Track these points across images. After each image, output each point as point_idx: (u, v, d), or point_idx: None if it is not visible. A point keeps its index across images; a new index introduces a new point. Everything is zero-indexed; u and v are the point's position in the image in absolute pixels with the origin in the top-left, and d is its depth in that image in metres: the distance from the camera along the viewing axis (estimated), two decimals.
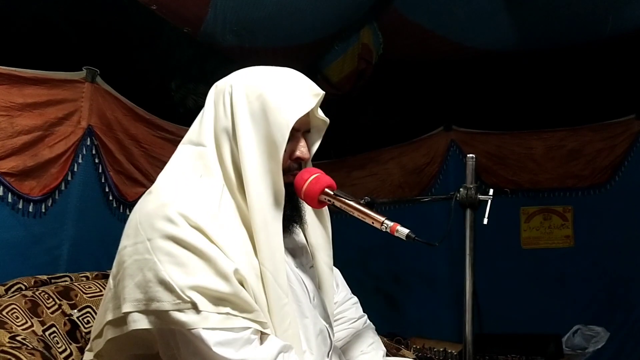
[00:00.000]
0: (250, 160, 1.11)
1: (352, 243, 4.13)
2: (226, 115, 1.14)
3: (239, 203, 1.12)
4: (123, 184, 2.70)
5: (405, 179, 4.00)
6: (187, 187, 1.11)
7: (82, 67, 2.51)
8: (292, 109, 1.11)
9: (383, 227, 1.09)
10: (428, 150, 3.99)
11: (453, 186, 3.90)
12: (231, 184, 1.12)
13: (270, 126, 1.10)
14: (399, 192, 3.96)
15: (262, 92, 1.13)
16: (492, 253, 3.66)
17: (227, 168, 1.13)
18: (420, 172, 3.98)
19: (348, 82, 3.94)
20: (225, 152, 1.13)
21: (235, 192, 1.12)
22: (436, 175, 3.94)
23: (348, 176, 4.11)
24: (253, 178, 1.11)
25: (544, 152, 3.87)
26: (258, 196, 1.11)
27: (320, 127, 1.26)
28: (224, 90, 1.17)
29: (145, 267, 1.04)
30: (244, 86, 1.15)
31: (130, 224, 1.11)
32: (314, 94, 1.17)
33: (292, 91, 1.14)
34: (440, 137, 3.98)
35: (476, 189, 1.25)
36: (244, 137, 1.11)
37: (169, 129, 2.91)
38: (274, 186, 1.12)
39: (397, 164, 4.06)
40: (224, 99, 1.16)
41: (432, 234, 1.19)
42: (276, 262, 1.11)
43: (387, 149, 4.20)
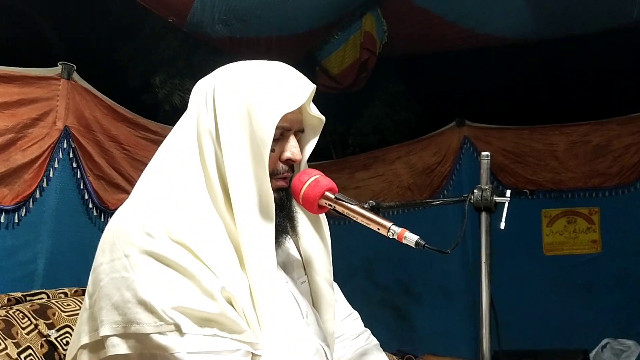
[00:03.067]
0: (234, 164, 1.10)
1: (356, 251, 4.10)
2: (208, 116, 1.14)
3: (223, 213, 1.12)
4: (104, 190, 2.69)
5: (414, 181, 4.00)
6: (168, 196, 1.11)
7: (58, 62, 2.51)
8: (278, 105, 1.11)
9: (390, 234, 1.08)
10: (439, 149, 3.99)
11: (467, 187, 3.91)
12: (215, 191, 1.12)
13: (255, 125, 1.10)
14: (407, 194, 3.96)
15: (246, 89, 1.13)
16: (511, 260, 3.64)
17: (210, 174, 1.12)
18: (430, 172, 3.98)
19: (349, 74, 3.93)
20: (208, 156, 1.12)
21: (219, 200, 1.11)
22: (448, 175, 3.93)
23: (351, 178, 4.11)
24: (238, 184, 1.10)
25: (567, 148, 3.85)
26: (244, 204, 1.10)
27: (316, 125, 1.25)
28: (206, 89, 1.17)
29: (123, 286, 1.03)
30: (227, 83, 1.15)
31: (105, 238, 1.09)
32: (305, 88, 1.16)
33: (278, 86, 1.13)
34: (452, 134, 3.98)
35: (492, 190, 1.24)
36: (228, 139, 1.11)
37: (154, 128, 2.90)
38: (260, 192, 1.11)
39: (405, 164, 4.05)
40: (206, 98, 1.16)
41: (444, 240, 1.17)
42: (268, 277, 1.10)
43: (394, 147, 4.19)
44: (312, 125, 1.25)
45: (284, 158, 1.17)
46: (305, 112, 1.22)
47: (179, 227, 1.06)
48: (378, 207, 1.16)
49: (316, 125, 1.25)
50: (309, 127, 1.24)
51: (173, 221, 1.06)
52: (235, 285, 1.07)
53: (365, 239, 3.67)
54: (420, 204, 3.42)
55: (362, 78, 4.02)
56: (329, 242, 1.32)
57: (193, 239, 1.06)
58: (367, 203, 1.15)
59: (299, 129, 1.20)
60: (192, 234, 1.06)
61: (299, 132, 1.21)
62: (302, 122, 1.21)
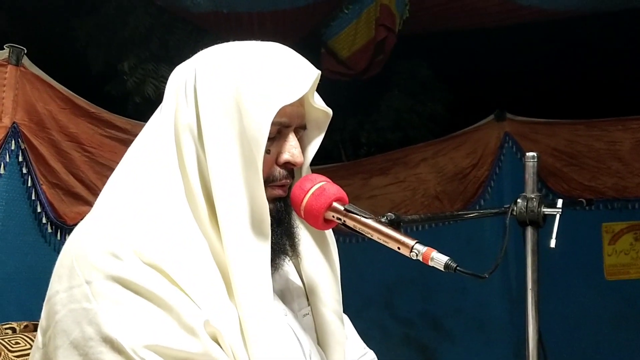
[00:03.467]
0: (220, 169, 1.11)
1: (372, 277, 4.09)
2: (189, 110, 1.14)
3: (207, 229, 1.12)
4: (60, 202, 2.70)
5: (443, 188, 3.99)
6: (139, 209, 1.11)
7: (3, 45, 2.52)
8: (274, 96, 1.11)
9: (413, 254, 1.08)
10: (474, 148, 3.99)
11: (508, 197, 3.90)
12: (197, 202, 1.12)
13: (246, 121, 1.10)
14: (434, 205, 3.96)
15: (234, 77, 1.13)
16: (564, 287, 3.63)
17: (191, 181, 1.13)
18: (463, 178, 3.97)
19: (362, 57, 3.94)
20: (189, 160, 1.13)
21: (202, 214, 1.12)
22: (485, 181, 3.93)
23: (365, 185, 4.12)
24: (225, 193, 1.10)
25: (633, 147, 3.84)
26: (233, 218, 1.10)
27: (321, 120, 1.25)
28: (186, 77, 1.17)
29: (84, 320, 1.03)
30: (211, 69, 1.15)
31: (62, 261, 1.09)
32: (307, 74, 1.16)
33: (274, 72, 1.13)
34: (491, 130, 3.98)
35: (540, 200, 1.25)
36: (212, 138, 1.11)
37: (122, 125, 2.90)
38: (253, 203, 1.11)
39: (431, 168, 4.05)
40: (185, 88, 1.16)
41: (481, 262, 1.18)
42: (262, 308, 1.10)
43: (418, 147, 4.20)
44: (316, 121, 1.25)
45: (282, 161, 1.17)
46: (308, 104, 1.22)
47: (152, 247, 1.06)
48: (398, 221, 1.17)
49: (321, 120, 1.25)
50: (312, 123, 1.25)
51: (145, 239, 1.07)
52: (222, 319, 1.07)
53: (382, 261, 3.67)
54: (451, 217, 3.41)
55: (378, 62, 4.03)
56: (338, 264, 1.32)
57: (170, 262, 1.06)
58: (384, 216, 1.15)
59: (300, 125, 1.20)
60: (168, 255, 1.06)
61: (300, 128, 1.21)
62: (304, 116, 1.21)
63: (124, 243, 1.05)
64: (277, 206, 1.18)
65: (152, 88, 3.70)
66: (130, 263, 1.04)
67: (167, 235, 1.09)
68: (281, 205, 1.18)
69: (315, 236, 1.29)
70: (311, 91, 1.20)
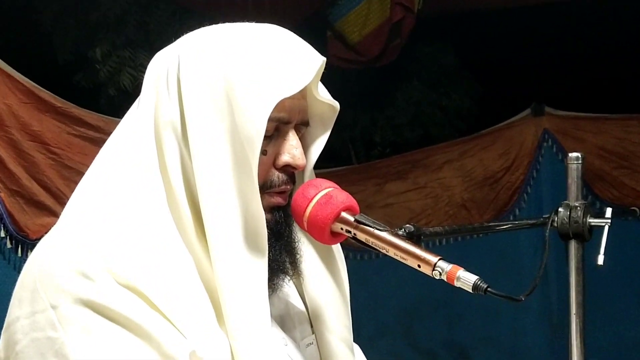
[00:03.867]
0: (207, 172, 1.12)
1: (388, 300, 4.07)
2: (171, 103, 1.15)
3: (193, 244, 1.13)
4: (21, 212, 2.70)
5: (471, 195, 4.00)
6: (114, 220, 1.11)
7: None
8: (271, 87, 1.11)
9: (436, 273, 1.08)
10: (507, 148, 4.00)
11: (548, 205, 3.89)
12: (181, 212, 1.13)
13: (239, 116, 1.11)
14: (461, 215, 3.96)
15: (224, 65, 1.13)
16: (614, 310, 3.62)
17: (174, 187, 1.13)
18: (495, 183, 3.98)
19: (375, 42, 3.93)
20: (171, 161, 1.14)
21: (187, 225, 1.13)
22: (521, 187, 3.94)
23: (379, 192, 4.12)
24: (213, 201, 1.10)
25: None
26: (223, 231, 1.10)
27: (326, 116, 1.26)
28: (168, 65, 1.18)
29: (50, 351, 1.03)
30: (196, 56, 1.16)
31: (24, 281, 1.10)
32: (310, 62, 1.17)
33: (272, 59, 1.14)
34: (527, 126, 3.99)
35: (585, 209, 1.24)
36: (199, 136, 1.12)
37: (93, 122, 2.91)
38: (246, 213, 1.12)
39: (457, 171, 4.06)
40: (167, 79, 1.17)
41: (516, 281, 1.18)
42: (258, 337, 1.10)
43: (442, 146, 4.21)
44: (321, 116, 1.26)
45: (281, 163, 1.18)
46: (311, 96, 1.22)
47: (129, 265, 1.06)
48: (419, 234, 1.17)
49: (327, 115, 1.26)
50: (316, 119, 1.25)
51: (121, 256, 1.07)
52: (211, 349, 1.07)
53: (400, 281, 3.66)
54: (481, 229, 3.40)
55: (394, 47, 4.02)
56: (347, 285, 1.32)
57: (149, 282, 1.06)
58: (402, 228, 1.16)
59: (302, 121, 1.21)
60: (148, 275, 1.07)
61: (302, 125, 1.21)
62: (307, 111, 1.22)
63: (96, 260, 1.06)
64: (276, 217, 1.18)
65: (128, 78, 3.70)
66: (103, 284, 1.04)
67: (146, 251, 1.09)
68: (280, 216, 1.19)
69: (321, 252, 1.30)
70: (315, 81, 1.20)
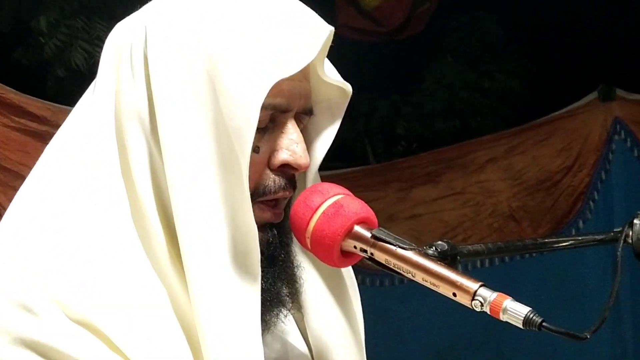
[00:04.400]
0: (183, 175, 1.12)
1: (414, 338, 4.08)
2: (137, 88, 1.16)
3: (165, 268, 1.13)
4: None
5: (521, 203, 4.01)
6: (64, 237, 1.12)
7: None
8: (265, 65, 1.12)
9: (476, 304, 1.07)
10: (568, 142, 4.01)
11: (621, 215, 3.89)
12: (149, 225, 1.13)
13: (223, 103, 1.11)
14: (508, 229, 3.98)
15: (205, 38, 1.13)
16: None
17: (140, 193, 1.14)
18: (552, 186, 3.99)
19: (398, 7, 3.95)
20: (137, 162, 1.14)
21: (157, 243, 1.13)
22: (585, 192, 3.95)
23: (403, 199, 4.13)
24: (191, 214, 1.10)
25: None
26: (203, 251, 1.10)
27: (335, 102, 1.27)
28: (132, 39, 1.18)
29: None
30: (169, 28, 1.16)
31: None
32: (314, 34, 1.18)
33: (265, 31, 1.15)
34: (593, 115, 4.00)
35: None
36: (172, 129, 1.12)
37: (37, 111, 2.95)
38: (234, 229, 1.12)
39: (504, 172, 4.07)
40: (132, 56, 1.17)
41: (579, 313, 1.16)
42: None
43: (484, 141, 4.22)
44: (329, 102, 1.26)
45: (278, 163, 1.18)
46: (316, 77, 1.23)
47: (83, 295, 1.06)
48: (454, 254, 1.16)
49: (335, 101, 1.26)
50: (322, 105, 1.26)
51: (72, 283, 1.07)
52: None
53: (430, 314, 3.68)
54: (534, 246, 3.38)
55: (422, 14, 4.05)
56: (361, 319, 1.33)
57: (109, 317, 1.06)
58: (433, 246, 1.15)
59: (304, 108, 1.21)
60: (107, 308, 1.06)
61: (304, 114, 1.22)
62: (310, 95, 1.22)
63: (41, 289, 1.06)
64: (270, 234, 1.19)
65: (81, 55, 3.71)
66: (50, 319, 1.04)
67: (105, 277, 1.09)
68: (274, 234, 1.19)
69: (327, 277, 1.30)
70: (320, 58, 1.20)
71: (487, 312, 1.06)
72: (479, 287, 1.07)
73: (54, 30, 3.72)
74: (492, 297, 1.06)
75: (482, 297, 1.06)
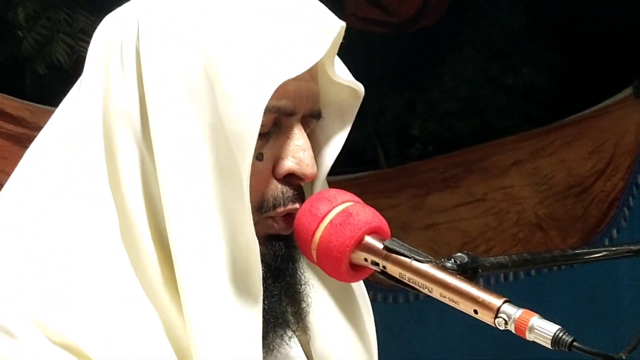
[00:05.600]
0: (178, 185, 1.12)
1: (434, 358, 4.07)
2: (128, 87, 1.16)
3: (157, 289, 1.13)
4: None
5: (548, 210, 4.01)
6: (44, 252, 1.12)
7: None
8: (269, 64, 1.12)
9: (500, 322, 1.07)
10: (600, 143, 4.01)
11: None
12: (139, 240, 1.13)
13: (223, 105, 1.11)
14: (535, 239, 3.98)
15: (203, 34, 1.14)
16: None
17: (129, 203, 1.14)
18: (582, 192, 4.00)
19: None
20: (127, 169, 1.15)
21: (148, 260, 1.13)
22: (619, 198, 3.95)
23: (418, 207, 4.14)
24: (186, 226, 1.11)
25: None
26: (200, 271, 1.11)
27: (346, 104, 1.28)
28: (124, 33, 1.19)
29: None
30: (164, 22, 1.16)
31: None
32: (323, 28, 1.18)
33: (268, 25, 1.15)
34: (627, 113, 4.00)
35: None
36: (165, 133, 1.12)
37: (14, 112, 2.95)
38: (234, 245, 1.12)
39: (529, 177, 4.09)
40: (122, 52, 1.18)
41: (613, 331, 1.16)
42: None
43: (507, 142, 4.25)
44: (338, 104, 1.27)
45: (283, 172, 1.19)
46: (325, 77, 1.23)
47: (65, 316, 1.06)
48: (475, 267, 1.17)
49: (346, 103, 1.27)
50: (332, 108, 1.27)
51: (54, 304, 1.07)
52: None
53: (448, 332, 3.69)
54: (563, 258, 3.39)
55: (439, 3, 4.04)
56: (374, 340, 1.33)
57: (94, 340, 1.06)
58: (451, 258, 1.15)
59: (312, 111, 1.22)
60: (92, 330, 1.07)
61: (312, 117, 1.22)
62: (318, 97, 1.23)
63: (20, 309, 1.06)
64: (274, 249, 1.19)
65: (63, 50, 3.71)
66: (30, 342, 1.05)
67: (90, 297, 1.09)
68: (280, 247, 1.19)
69: (336, 294, 1.31)
70: (330, 56, 1.21)
71: (511, 330, 1.06)
72: (502, 303, 1.07)
73: (33, 23, 3.72)
74: (517, 315, 1.06)
75: (506, 314, 1.06)
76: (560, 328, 1.04)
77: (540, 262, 2.54)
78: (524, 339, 1.06)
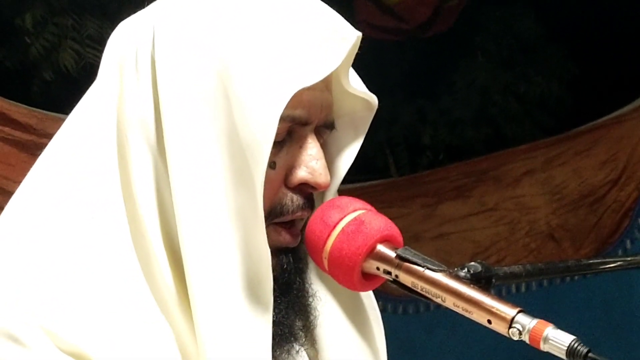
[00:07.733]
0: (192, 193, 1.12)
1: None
2: (143, 95, 1.16)
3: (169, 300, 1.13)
4: None
5: (562, 220, 4.01)
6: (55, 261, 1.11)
7: None
8: (284, 73, 1.11)
9: (514, 332, 1.07)
10: (614, 152, 4.01)
11: None
12: (151, 250, 1.13)
13: (237, 113, 1.11)
14: (547, 249, 3.97)
15: (218, 41, 1.14)
16: None
17: (142, 212, 1.14)
18: (596, 202, 3.99)
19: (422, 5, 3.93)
20: (140, 178, 1.15)
21: (159, 270, 1.13)
22: (633, 208, 3.95)
23: (430, 216, 4.13)
24: (200, 235, 1.11)
25: None
26: (212, 282, 1.11)
27: (359, 115, 1.28)
28: (139, 41, 1.19)
29: None
30: (180, 29, 1.17)
31: None
32: (338, 38, 1.18)
33: (284, 34, 1.15)
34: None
35: None
36: (180, 142, 1.12)
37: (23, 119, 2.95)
38: (245, 254, 1.12)
39: (542, 186, 4.08)
40: (137, 60, 1.18)
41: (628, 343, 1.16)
42: None
43: (519, 151, 4.25)
44: (352, 115, 1.27)
45: (296, 181, 1.19)
46: (339, 88, 1.23)
47: (75, 324, 1.06)
48: (488, 277, 1.16)
49: (360, 114, 1.27)
50: (345, 119, 1.27)
51: (64, 312, 1.07)
52: None
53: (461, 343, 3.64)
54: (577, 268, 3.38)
55: (450, 9, 4.05)
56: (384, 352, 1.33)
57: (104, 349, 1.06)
58: (465, 268, 1.15)
59: (326, 121, 1.22)
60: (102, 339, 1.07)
61: (326, 128, 1.22)
62: (332, 108, 1.23)
63: (29, 317, 1.06)
64: (285, 259, 1.19)
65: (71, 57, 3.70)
66: (39, 350, 1.04)
67: (100, 304, 1.09)
68: (288, 260, 1.20)
69: (346, 305, 1.30)
70: (344, 66, 1.21)
71: (525, 341, 1.06)
72: (517, 313, 1.07)
73: (41, 29, 3.71)
74: (531, 325, 1.06)
75: (520, 324, 1.06)
76: (576, 339, 1.04)
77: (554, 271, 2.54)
78: (538, 349, 1.05)
